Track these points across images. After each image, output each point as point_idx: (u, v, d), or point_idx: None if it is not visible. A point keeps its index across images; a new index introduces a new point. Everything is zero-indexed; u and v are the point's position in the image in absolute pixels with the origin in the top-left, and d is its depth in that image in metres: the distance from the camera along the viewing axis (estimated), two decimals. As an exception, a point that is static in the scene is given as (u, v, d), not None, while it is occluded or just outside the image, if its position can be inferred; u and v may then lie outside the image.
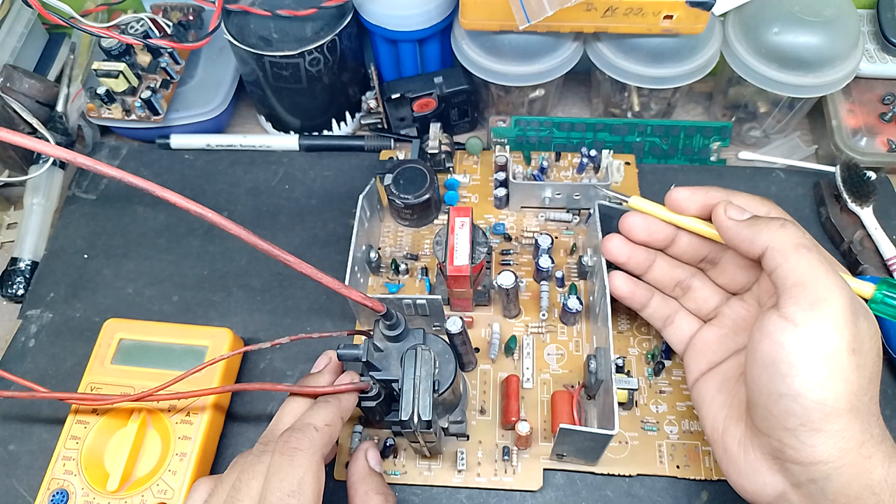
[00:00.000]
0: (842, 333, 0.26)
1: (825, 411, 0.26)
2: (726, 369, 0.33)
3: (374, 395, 0.32)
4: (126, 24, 0.48)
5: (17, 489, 0.37)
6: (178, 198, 0.23)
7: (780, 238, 0.29)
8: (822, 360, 0.26)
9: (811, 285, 0.27)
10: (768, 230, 0.29)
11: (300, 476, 0.26)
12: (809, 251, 0.28)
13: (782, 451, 0.27)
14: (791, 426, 0.27)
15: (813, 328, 0.26)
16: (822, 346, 0.26)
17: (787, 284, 0.28)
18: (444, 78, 0.48)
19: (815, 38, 0.43)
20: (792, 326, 0.27)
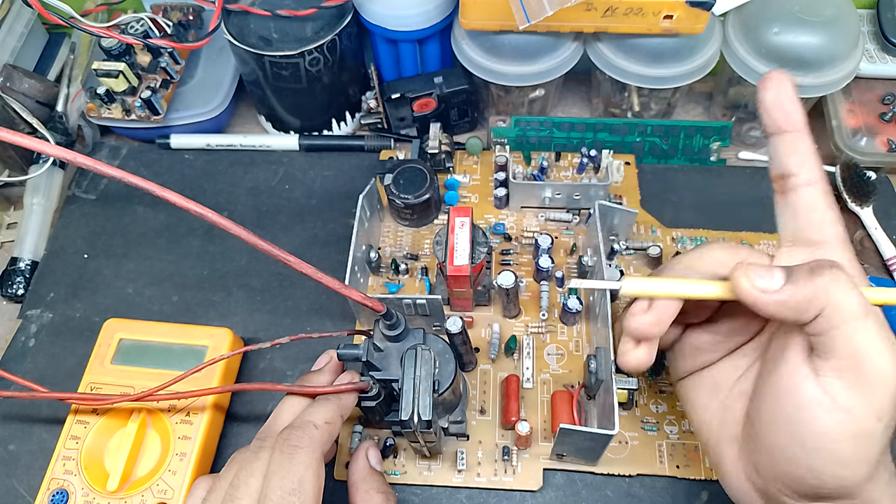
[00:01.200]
0: (881, 416, 0.23)
1: (840, 486, 0.24)
2: (717, 373, 0.29)
3: (374, 395, 0.32)
4: (126, 24, 0.48)
5: (16, 489, 0.37)
6: (178, 198, 0.23)
7: (834, 301, 0.23)
8: (853, 440, 0.23)
9: (866, 361, 0.23)
10: (817, 294, 0.23)
11: (301, 474, 0.26)
12: (866, 316, 0.23)
13: (778, 498, 0.26)
14: (797, 489, 0.25)
15: (855, 410, 0.23)
16: (859, 427, 0.23)
17: (835, 353, 0.23)
18: (444, 78, 0.48)
19: (815, 38, 0.43)
20: (829, 402, 0.23)
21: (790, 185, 0.26)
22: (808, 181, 0.26)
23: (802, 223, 0.26)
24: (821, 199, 0.26)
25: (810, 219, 0.26)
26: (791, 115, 0.26)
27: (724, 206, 0.46)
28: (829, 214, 0.26)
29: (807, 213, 0.26)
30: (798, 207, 0.26)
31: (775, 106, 0.26)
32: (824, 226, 0.26)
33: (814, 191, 0.26)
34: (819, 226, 0.26)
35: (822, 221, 0.26)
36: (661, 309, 0.27)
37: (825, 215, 0.26)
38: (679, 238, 0.44)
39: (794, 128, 0.26)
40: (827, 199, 0.26)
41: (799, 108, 0.26)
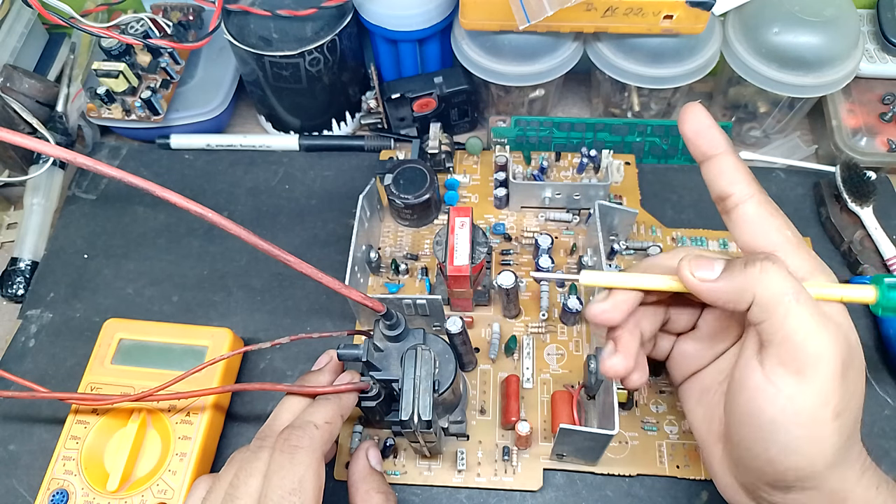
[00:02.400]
0: (827, 400, 0.24)
1: (799, 475, 0.25)
2: (704, 378, 0.31)
3: (375, 395, 0.32)
4: (126, 24, 0.48)
5: (17, 489, 0.37)
6: (178, 198, 0.23)
7: (764, 289, 0.25)
8: (801, 427, 0.24)
9: (800, 346, 0.24)
10: (748, 282, 0.25)
11: (301, 474, 0.26)
12: (798, 301, 0.24)
13: (756, 493, 0.27)
14: (765, 480, 0.26)
15: (797, 396, 0.24)
16: (805, 413, 0.24)
17: (773, 340, 0.25)
18: (444, 78, 0.48)
19: (815, 37, 0.43)
20: (774, 390, 0.25)
21: (730, 205, 0.28)
22: (744, 197, 0.27)
23: (749, 236, 0.27)
24: (760, 210, 0.27)
25: (755, 231, 0.27)
26: (713, 140, 0.28)
27: (724, 206, 0.46)
28: (773, 222, 0.27)
29: (751, 226, 0.27)
30: (742, 223, 0.27)
31: (697, 135, 0.28)
32: (770, 234, 0.27)
33: (752, 204, 0.27)
34: (766, 235, 0.27)
35: (768, 230, 0.27)
36: (618, 298, 0.29)
37: (769, 224, 0.27)
38: (679, 238, 0.44)
39: (718, 151, 0.28)
40: (767, 208, 0.27)
41: (718, 132, 0.28)
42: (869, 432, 0.38)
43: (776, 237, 0.27)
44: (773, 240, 0.27)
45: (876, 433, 0.38)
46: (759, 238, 0.27)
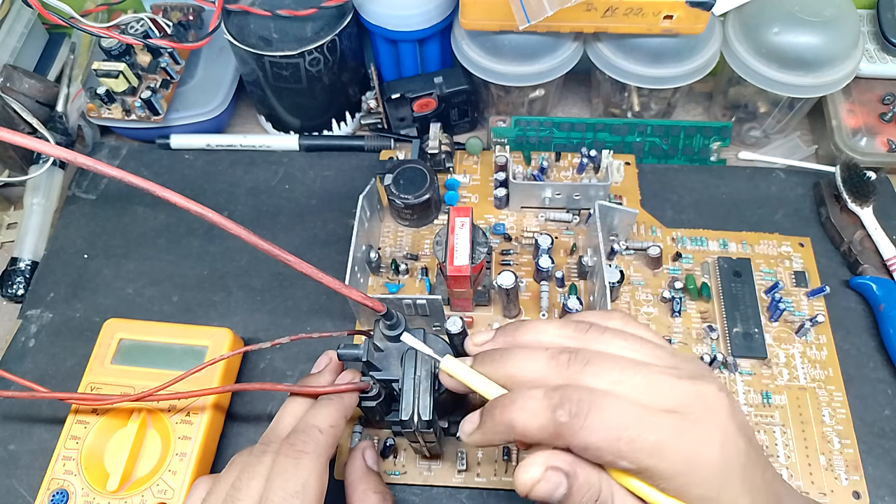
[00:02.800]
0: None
1: None
2: None
3: (375, 395, 0.32)
4: (126, 24, 0.48)
5: (17, 489, 0.37)
6: (178, 198, 0.23)
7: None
8: None
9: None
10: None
11: (304, 478, 0.26)
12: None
13: None
14: None
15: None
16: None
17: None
18: (444, 78, 0.48)
19: (815, 38, 0.43)
20: None
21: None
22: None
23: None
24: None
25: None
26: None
27: (724, 205, 0.46)
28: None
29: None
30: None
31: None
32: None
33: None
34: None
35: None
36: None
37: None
38: (679, 238, 0.44)
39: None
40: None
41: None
42: (868, 432, 0.38)
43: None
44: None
45: (876, 433, 0.38)
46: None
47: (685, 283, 0.42)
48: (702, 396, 0.23)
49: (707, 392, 0.23)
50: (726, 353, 0.40)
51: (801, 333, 0.40)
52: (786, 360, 0.40)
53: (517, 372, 0.24)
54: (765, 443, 0.37)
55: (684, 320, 0.41)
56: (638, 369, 0.23)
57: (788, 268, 0.43)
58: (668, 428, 0.22)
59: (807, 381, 0.39)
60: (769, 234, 0.44)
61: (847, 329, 0.41)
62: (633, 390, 0.22)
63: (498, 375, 0.25)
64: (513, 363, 0.24)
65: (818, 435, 0.37)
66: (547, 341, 0.25)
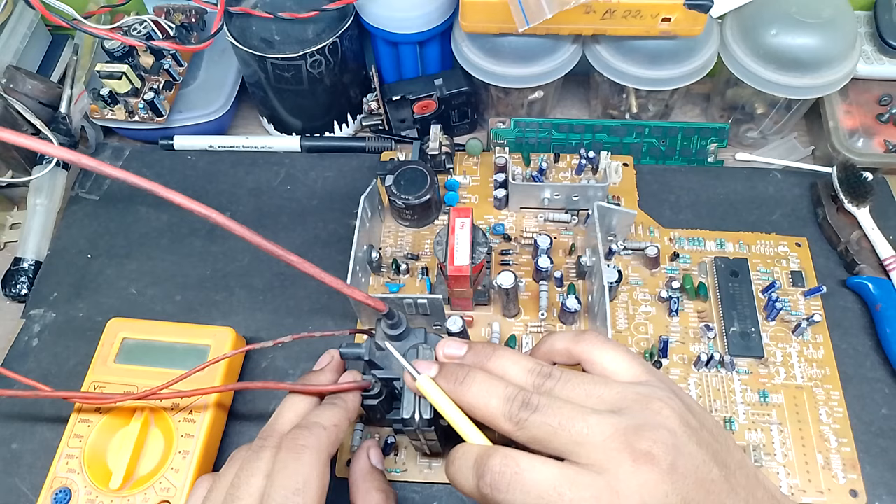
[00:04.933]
0: None
1: None
2: None
3: (376, 394, 0.32)
4: (129, 26, 0.48)
5: (20, 488, 0.38)
6: (181, 198, 0.24)
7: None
8: None
9: None
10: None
11: (306, 474, 0.26)
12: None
13: None
14: None
15: None
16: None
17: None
18: (444, 80, 0.48)
19: (813, 39, 0.43)
20: None
21: None
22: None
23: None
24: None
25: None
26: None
27: (722, 206, 0.46)
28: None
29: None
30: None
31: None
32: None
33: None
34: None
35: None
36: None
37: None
38: (676, 238, 0.45)
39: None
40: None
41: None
42: (866, 430, 0.38)
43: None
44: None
45: (873, 432, 0.38)
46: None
47: (683, 282, 0.42)
48: (648, 406, 0.24)
49: (653, 401, 0.24)
50: (723, 352, 0.40)
51: (798, 333, 0.41)
52: (783, 359, 0.40)
53: (473, 402, 0.26)
54: (762, 441, 0.37)
55: (682, 320, 0.41)
56: (590, 385, 0.25)
57: (785, 267, 0.43)
58: (610, 435, 0.23)
59: (804, 380, 0.39)
60: (766, 235, 0.45)
61: (844, 329, 0.41)
62: (573, 398, 0.25)
63: (456, 397, 0.27)
64: (471, 392, 0.26)
65: (815, 434, 0.38)
66: (512, 375, 0.27)
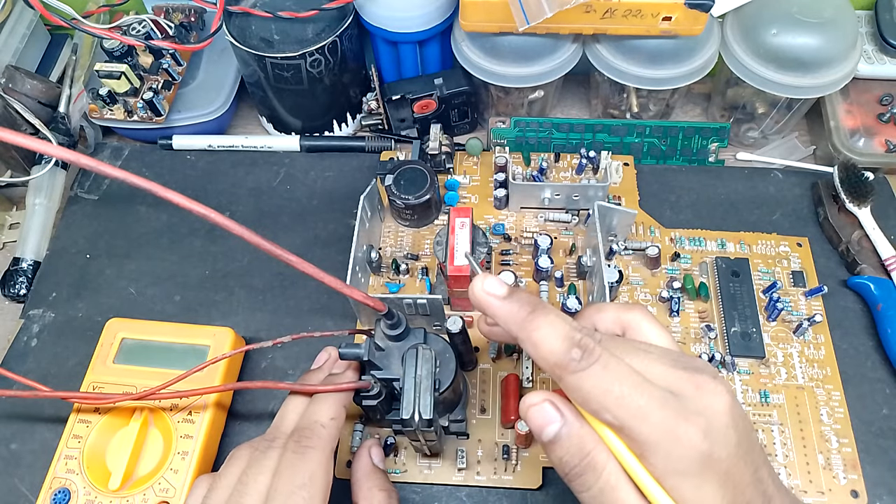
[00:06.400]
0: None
1: None
2: None
3: (376, 394, 0.32)
4: (128, 26, 0.48)
5: (19, 488, 0.38)
6: (180, 198, 0.24)
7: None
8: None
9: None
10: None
11: (311, 470, 0.27)
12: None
13: None
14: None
15: None
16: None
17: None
18: (444, 79, 0.48)
19: (814, 39, 0.43)
20: None
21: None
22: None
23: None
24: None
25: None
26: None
27: (723, 206, 0.46)
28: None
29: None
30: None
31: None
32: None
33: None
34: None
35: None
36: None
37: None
38: (677, 238, 0.45)
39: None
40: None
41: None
42: (867, 431, 0.38)
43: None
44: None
45: (874, 432, 0.38)
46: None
47: (683, 282, 0.42)
48: (700, 387, 0.23)
49: (704, 382, 0.23)
50: (724, 352, 0.40)
51: (799, 333, 0.40)
52: (784, 359, 0.40)
53: (536, 334, 0.24)
54: (763, 442, 0.37)
55: (682, 320, 0.41)
56: (641, 354, 0.24)
57: (786, 267, 0.43)
58: (658, 399, 0.23)
59: (805, 380, 0.39)
60: (767, 235, 0.45)
61: (845, 329, 0.41)
62: (634, 364, 0.24)
63: (519, 323, 0.25)
64: (536, 322, 0.25)
65: (816, 434, 0.37)
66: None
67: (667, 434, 0.22)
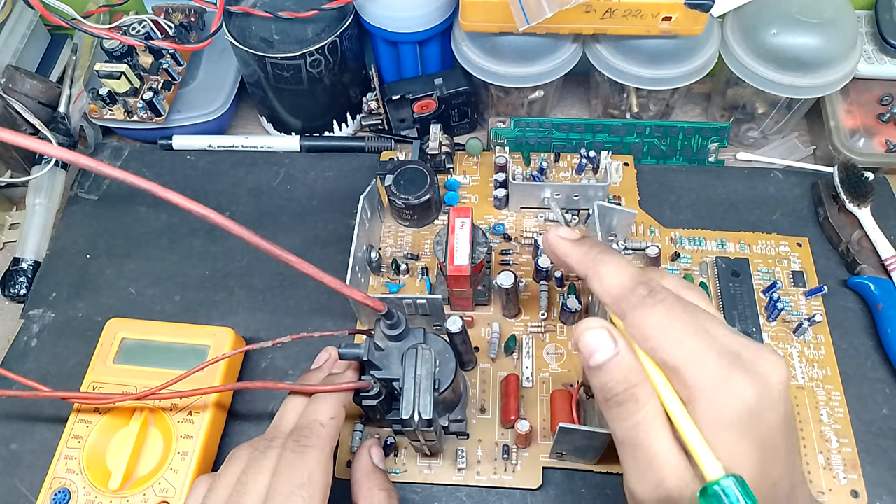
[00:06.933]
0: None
1: None
2: None
3: (375, 394, 0.32)
4: (128, 26, 0.48)
5: (19, 488, 0.38)
6: (180, 198, 0.24)
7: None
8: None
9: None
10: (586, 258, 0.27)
11: (310, 469, 0.27)
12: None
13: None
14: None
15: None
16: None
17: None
18: (444, 79, 0.48)
19: (814, 39, 0.43)
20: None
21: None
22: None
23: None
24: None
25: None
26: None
27: (723, 206, 0.46)
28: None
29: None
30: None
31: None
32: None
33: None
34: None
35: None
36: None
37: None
38: (677, 238, 0.45)
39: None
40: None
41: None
42: (867, 431, 0.38)
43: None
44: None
45: (874, 432, 0.38)
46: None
47: (684, 282, 0.42)
48: (761, 355, 0.23)
49: (765, 352, 0.23)
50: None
51: (799, 333, 0.40)
52: (784, 359, 0.40)
53: (605, 269, 0.26)
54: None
55: (683, 320, 0.41)
56: (708, 315, 0.24)
57: (786, 267, 0.43)
58: (717, 350, 0.22)
59: (805, 380, 0.39)
60: (767, 234, 0.45)
61: (845, 329, 0.41)
62: (697, 318, 0.23)
63: (591, 258, 0.27)
64: (606, 258, 0.26)
65: (816, 434, 0.37)
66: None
67: (720, 382, 0.22)
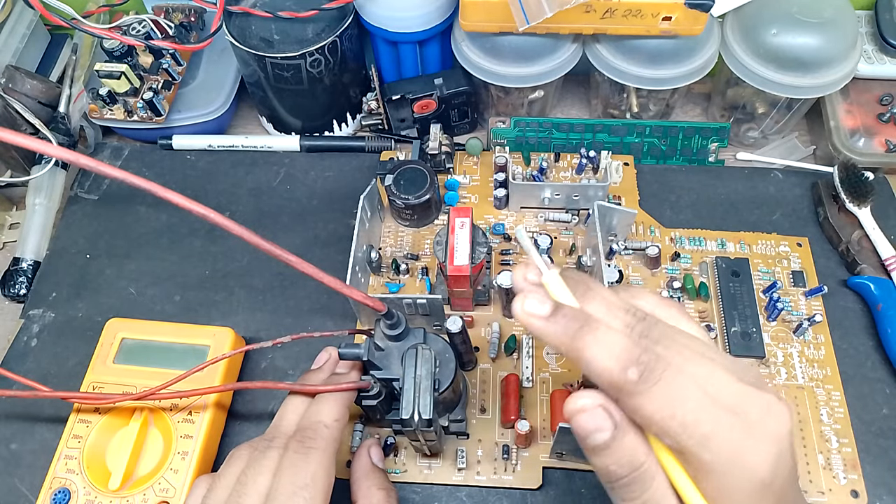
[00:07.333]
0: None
1: None
2: None
3: (375, 394, 0.32)
4: (128, 26, 0.48)
5: (19, 488, 0.38)
6: (180, 198, 0.24)
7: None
8: None
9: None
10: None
11: (313, 470, 0.27)
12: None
13: None
14: None
15: None
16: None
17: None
18: (444, 79, 0.48)
19: (814, 39, 0.43)
20: None
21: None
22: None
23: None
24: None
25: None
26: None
27: (722, 206, 0.46)
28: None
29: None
30: None
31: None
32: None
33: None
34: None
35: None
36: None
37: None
38: (677, 238, 0.45)
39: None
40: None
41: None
42: (867, 431, 0.38)
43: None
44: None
45: (874, 432, 0.38)
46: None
47: (683, 282, 0.42)
48: (764, 405, 0.21)
49: (769, 402, 0.21)
50: (724, 352, 0.40)
51: (799, 333, 0.40)
52: (784, 359, 0.40)
53: (597, 315, 0.22)
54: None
55: (683, 320, 0.41)
56: (703, 361, 0.22)
57: (786, 267, 0.43)
58: (725, 423, 0.21)
59: (805, 380, 0.39)
60: (767, 234, 0.45)
61: (845, 329, 0.41)
62: (698, 378, 0.21)
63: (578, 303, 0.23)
64: (595, 306, 0.22)
65: (816, 434, 0.37)
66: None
67: (730, 461, 0.21)
